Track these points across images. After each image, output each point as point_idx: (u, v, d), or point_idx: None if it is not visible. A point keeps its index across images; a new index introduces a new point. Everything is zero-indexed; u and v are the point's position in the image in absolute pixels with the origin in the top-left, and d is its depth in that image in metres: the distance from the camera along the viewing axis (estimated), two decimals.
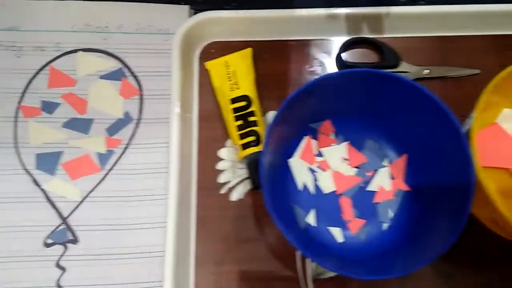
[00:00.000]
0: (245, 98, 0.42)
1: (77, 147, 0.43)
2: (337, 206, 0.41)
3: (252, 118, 0.41)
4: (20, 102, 0.44)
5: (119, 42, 0.46)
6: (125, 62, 0.46)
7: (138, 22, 0.47)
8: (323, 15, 0.45)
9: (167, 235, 0.38)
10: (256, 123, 0.41)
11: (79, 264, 0.40)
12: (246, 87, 0.43)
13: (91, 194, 0.42)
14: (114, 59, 0.46)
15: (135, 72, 0.46)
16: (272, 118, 0.41)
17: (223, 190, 0.42)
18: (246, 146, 0.40)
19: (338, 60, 0.46)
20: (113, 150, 0.43)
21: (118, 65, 0.46)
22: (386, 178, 0.41)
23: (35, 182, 0.42)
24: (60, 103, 0.44)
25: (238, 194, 0.42)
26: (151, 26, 0.47)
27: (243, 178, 0.42)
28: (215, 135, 0.44)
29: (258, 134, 0.41)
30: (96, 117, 0.44)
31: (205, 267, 0.40)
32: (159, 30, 0.47)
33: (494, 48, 0.47)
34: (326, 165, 0.42)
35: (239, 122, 0.41)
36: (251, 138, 0.40)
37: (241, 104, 0.42)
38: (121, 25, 0.47)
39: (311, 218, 0.40)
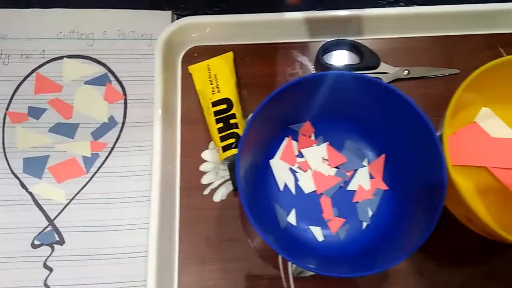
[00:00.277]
0: (226, 101, 0.43)
1: (63, 151, 0.44)
2: (317, 205, 0.41)
3: (233, 121, 0.42)
4: (7, 109, 0.45)
5: (104, 48, 0.47)
6: (109, 67, 0.47)
7: (121, 28, 0.48)
8: (303, 18, 0.46)
9: (150, 235, 0.39)
10: (237, 126, 0.42)
11: (66, 264, 0.41)
12: (227, 90, 0.43)
13: (77, 197, 0.43)
14: (99, 65, 0.47)
15: (120, 77, 0.47)
16: None
17: (207, 191, 0.43)
18: (226, 148, 0.41)
19: (318, 62, 0.46)
20: (98, 153, 0.44)
21: (103, 70, 0.47)
22: (365, 177, 0.42)
23: (23, 185, 0.43)
24: (46, 109, 0.45)
25: (221, 195, 0.43)
26: (135, 32, 0.48)
27: (226, 179, 0.43)
28: (198, 137, 0.44)
29: (239, 136, 0.41)
30: (81, 121, 0.45)
31: (189, 267, 0.41)
32: (142, 36, 0.48)
33: (474, 48, 0.47)
34: (306, 165, 0.42)
35: (220, 125, 0.42)
36: (232, 140, 0.41)
37: (222, 107, 0.43)
38: (105, 31, 0.48)
39: (292, 218, 0.41)
